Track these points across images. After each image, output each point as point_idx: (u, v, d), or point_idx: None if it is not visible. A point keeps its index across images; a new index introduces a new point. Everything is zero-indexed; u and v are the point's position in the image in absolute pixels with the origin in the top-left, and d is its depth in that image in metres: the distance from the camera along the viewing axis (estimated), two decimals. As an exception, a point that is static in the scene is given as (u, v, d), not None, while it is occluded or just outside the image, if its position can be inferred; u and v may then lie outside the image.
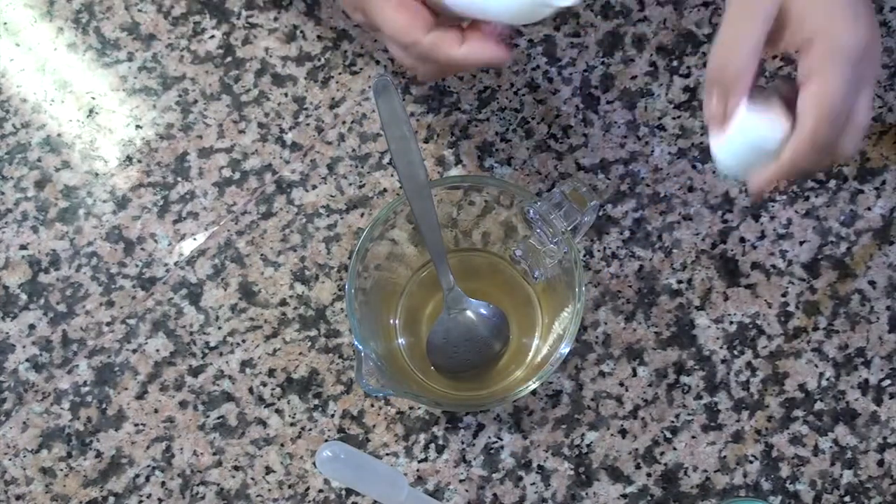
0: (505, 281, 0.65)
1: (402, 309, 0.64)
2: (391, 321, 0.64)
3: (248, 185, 0.68)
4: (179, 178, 0.68)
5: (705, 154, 0.67)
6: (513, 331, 0.63)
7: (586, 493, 0.62)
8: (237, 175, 0.68)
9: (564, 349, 0.57)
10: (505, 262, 0.65)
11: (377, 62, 0.69)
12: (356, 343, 0.56)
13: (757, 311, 0.65)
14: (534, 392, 0.63)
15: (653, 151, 0.67)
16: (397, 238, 0.62)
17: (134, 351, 0.65)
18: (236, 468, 0.63)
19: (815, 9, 0.47)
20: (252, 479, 0.63)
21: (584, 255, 0.65)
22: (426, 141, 0.68)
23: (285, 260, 0.66)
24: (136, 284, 0.66)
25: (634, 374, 0.64)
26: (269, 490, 0.63)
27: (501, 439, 0.63)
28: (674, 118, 0.67)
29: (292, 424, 0.64)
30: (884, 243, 0.65)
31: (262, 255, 0.66)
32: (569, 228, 0.57)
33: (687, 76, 0.68)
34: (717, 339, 0.64)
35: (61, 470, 0.64)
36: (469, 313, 0.62)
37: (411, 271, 0.65)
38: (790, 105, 0.48)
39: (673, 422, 0.63)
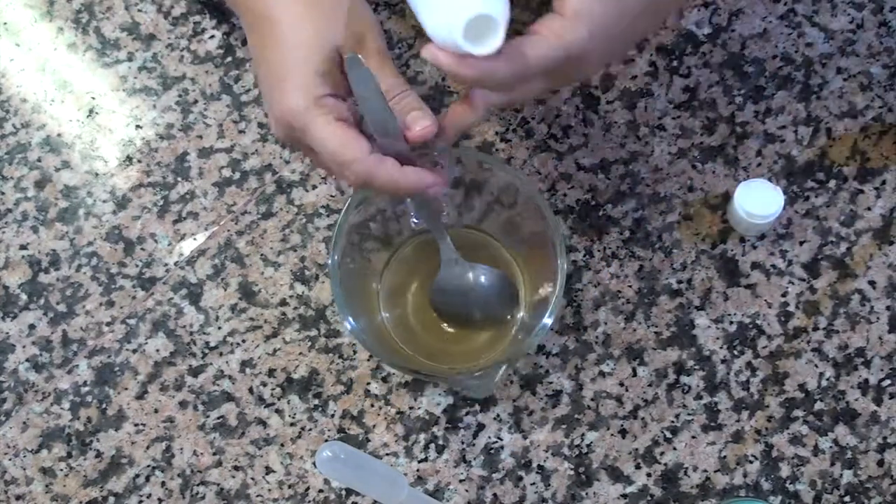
0: (489, 255, 0.65)
1: (386, 282, 0.64)
2: (375, 287, 0.64)
3: (248, 185, 0.68)
4: (179, 178, 0.68)
5: (705, 154, 0.67)
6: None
7: (586, 493, 0.62)
8: (237, 175, 0.68)
9: (548, 320, 0.57)
10: (490, 237, 0.65)
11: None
12: (341, 316, 0.56)
13: (757, 311, 0.64)
14: (534, 392, 0.63)
15: (653, 151, 0.67)
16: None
17: (134, 351, 0.65)
18: (236, 468, 0.63)
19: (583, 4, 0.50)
20: (252, 479, 0.63)
21: (584, 256, 0.65)
22: (426, 141, 0.68)
23: (285, 260, 0.66)
24: (136, 284, 0.66)
25: (634, 374, 0.64)
26: (269, 490, 0.63)
27: (501, 439, 0.63)
28: (674, 118, 0.67)
29: (292, 424, 0.64)
30: (884, 243, 0.65)
31: (262, 255, 0.66)
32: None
33: (687, 76, 0.68)
34: (717, 339, 0.64)
35: (61, 470, 0.64)
36: (480, 274, 0.61)
37: (394, 248, 0.65)
38: None
39: (673, 422, 0.63)
